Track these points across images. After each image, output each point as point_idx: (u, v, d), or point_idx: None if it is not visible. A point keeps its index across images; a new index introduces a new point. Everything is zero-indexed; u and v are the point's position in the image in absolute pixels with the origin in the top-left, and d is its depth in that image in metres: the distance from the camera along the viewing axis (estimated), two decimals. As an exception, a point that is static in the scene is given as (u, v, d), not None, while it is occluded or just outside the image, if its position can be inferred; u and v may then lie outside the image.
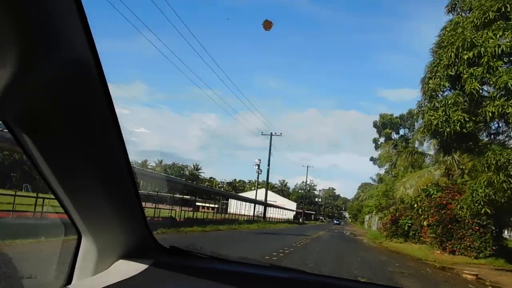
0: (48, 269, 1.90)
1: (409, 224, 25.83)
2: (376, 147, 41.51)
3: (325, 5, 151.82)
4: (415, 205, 22.38)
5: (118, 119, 1.12)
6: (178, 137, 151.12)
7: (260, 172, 61.10)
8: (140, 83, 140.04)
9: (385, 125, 40.11)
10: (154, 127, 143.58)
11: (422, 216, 20.57)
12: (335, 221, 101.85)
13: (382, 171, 43.46)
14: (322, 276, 2.02)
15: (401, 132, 40.32)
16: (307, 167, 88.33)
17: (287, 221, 63.02)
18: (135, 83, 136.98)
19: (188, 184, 36.72)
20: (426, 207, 20.13)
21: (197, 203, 45.87)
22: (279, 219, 66.74)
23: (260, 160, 46.27)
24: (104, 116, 1.10)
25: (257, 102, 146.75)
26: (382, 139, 41.54)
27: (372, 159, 42.72)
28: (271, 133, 45.93)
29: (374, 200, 30.56)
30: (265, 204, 45.22)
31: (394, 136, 39.95)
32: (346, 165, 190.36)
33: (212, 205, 51.95)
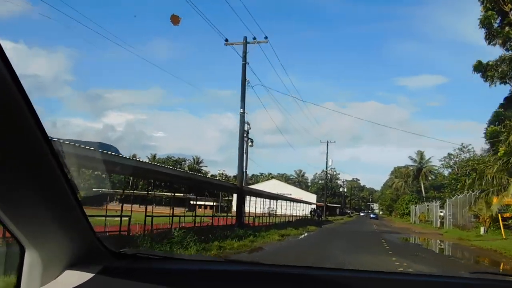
0: None
1: None
2: (491, 37, 17.36)
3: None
4: None
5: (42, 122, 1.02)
6: (197, 139, 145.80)
7: (251, 144, 36.87)
8: (157, 88, 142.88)
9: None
10: (173, 130, 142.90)
11: None
12: (371, 215, 78.58)
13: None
14: (276, 266, 1.86)
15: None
16: (327, 142, 63.61)
17: (300, 220, 39.53)
18: (152, 88, 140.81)
19: (138, 166, 16.49)
20: None
21: (192, 202, 38.98)
22: (292, 216, 44.75)
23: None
24: (21, 115, 0.99)
25: (272, 99, 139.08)
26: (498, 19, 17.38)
27: (480, 67, 18.65)
28: (245, 38, 22.04)
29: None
30: (240, 192, 21.55)
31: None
32: (368, 157, 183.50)
33: (212, 203, 41.16)
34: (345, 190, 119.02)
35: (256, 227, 22.83)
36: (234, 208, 42.24)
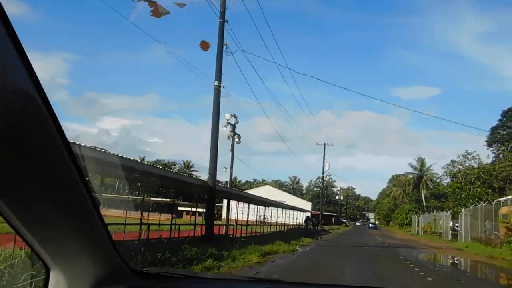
0: None
1: None
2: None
3: (333, 5, 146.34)
4: None
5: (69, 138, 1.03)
6: (193, 146, 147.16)
7: (238, 140, 32.66)
8: (154, 94, 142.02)
9: None
10: (169, 136, 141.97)
11: None
12: (370, 225, 74.49)
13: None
14: (297, 284, 1.96)
15: None
16: (324, 144, 58.65)
17: (293, 230, 34.95)
18: (149, 94, 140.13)
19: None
20: None
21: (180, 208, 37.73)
22: (285, 225, 40.81)
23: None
24: (51, 139, 0.99)
25: (270, 107, 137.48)
26: None
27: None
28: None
29: None
30: (211, 192, 16.46)
31: None
32: (363, 166, 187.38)
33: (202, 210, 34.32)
34: (341, 198, 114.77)
35: (233, 240, 17.12)
36: (224, 215, 37.54)
